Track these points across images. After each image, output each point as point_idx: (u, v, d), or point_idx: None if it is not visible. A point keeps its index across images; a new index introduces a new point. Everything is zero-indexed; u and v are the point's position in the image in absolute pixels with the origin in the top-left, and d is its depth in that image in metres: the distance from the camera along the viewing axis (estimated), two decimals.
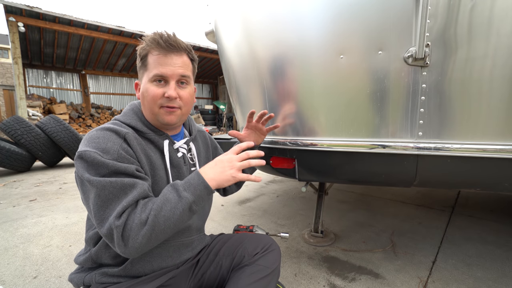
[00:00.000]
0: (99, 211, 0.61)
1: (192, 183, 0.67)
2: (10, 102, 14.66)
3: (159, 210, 0.61)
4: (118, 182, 0.61)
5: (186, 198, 0.64)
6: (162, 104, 0.73)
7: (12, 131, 3.99)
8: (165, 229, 0.62)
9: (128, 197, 0.62)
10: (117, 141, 0.67)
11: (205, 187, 0.67)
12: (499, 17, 0.84)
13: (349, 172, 1.22)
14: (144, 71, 0.74)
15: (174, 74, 0.72)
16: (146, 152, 0.73)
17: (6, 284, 1.34)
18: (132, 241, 0.59)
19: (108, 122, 0.74)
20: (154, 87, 0.72)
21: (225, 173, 0.69)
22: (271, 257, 0.83)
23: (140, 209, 0.62)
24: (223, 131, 11.55)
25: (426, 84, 0.95)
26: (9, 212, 2.38)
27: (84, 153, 0.62)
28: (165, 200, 0.63)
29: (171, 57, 0.72)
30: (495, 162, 0.94)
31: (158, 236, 0.62)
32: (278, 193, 2.83)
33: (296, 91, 1.19)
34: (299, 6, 1.10)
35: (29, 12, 7.21)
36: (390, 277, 1.33)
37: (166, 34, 0.73)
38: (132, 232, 0.59)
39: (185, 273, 0.82)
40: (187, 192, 0.65)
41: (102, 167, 0.62)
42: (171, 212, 0.62)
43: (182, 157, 0.82)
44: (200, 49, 11.23)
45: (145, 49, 0.73)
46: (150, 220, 0.60)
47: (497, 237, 1.72)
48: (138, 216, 0.60)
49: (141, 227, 0.59)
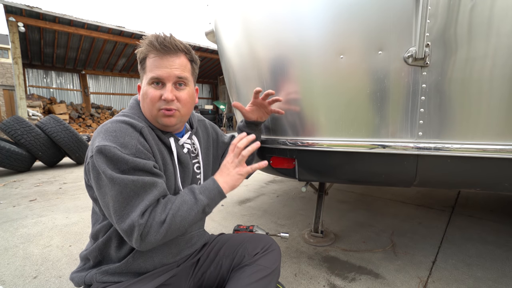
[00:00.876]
0: (120, 207, 0.63)
1: (207, 187, 0.73)
2: (10, 102, 14.66)
3: (176, 210, 0.66)
4: (139, 181, 0.64)
5: (201, 200, 0.70)
6: (160, 106, 0.73)
7: (12, 131, 3.99)
8: (180, 228, 0.67)
9: (150, 196, 0.65)
10: (134, 134, 0.68)
11: (219, 192, 0.73)
12: (499, 17, 0.84)
13: (349, 172, 1.22)
14: (143, 74, 0.75)
15: (170, 76, 0.72)
16: (159, 147, 0.75)
17: (6, 284, 1.34)
18: (150, 237, 0.63)
19: (119, 114, 0.75)
20: (151, 89, 0.73)
21: (231, 174, 0.76)
22: (271, 257, 0.83)
23: (161, 209, 0.66)
24: (223, 131, 11.55)
25: (426, 84, 0.95)
26: (9, 212, 2.38)
27: (104, 148, 0.63)
28: (182, 202, 0.68)
29: (167, 59, 0.72)
30: (495, 162, 0.94)
31: (173, 233, 0.67)
32: (278, 193, 2.83)
33: (296, 91, 1.19)
34: (299, 6, 1.10)
35: (29, 12, 7.21)
36: (390, 277, 1.33)
37: (163, 35, 0.72)
38: (152, 229, 0.63)
39: (185, 272, 0.82)
40: (202, 195, 0.71)
41: (122, 163, 0.63)
42: (187, 213, 0.67)
43: (187, 152, 0.84)
44: (200, 49, 11.23)
45: (143, 52, 0.73)
46: (168, 219, 0.65)
47: (497, 237, 1.72)
48: (158, 215, 0.65)
49: (160, 225, 0.64)
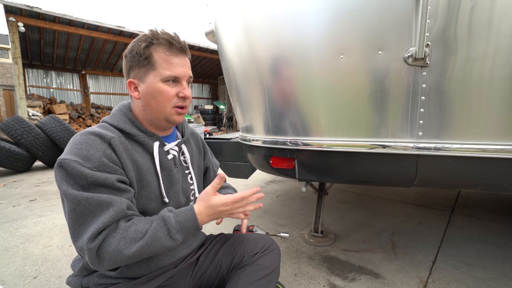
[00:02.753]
0: (74, 225, 0.60)
1: (186, 225, 0.67)
2: (10, 102, 14.66)
3: (146, 247, 0.61)
4: (94, 199, 0.60)
5: (177, 240, 0.66)
6: (176, 103, 0.74)
7: (12, 131, 3.99)
8: (144, 257, 0.64)
9: (104, 217, 0.60)
10: (100, 146, 0.65)
11: (196, 229, 0.69)
12: (499, 17, 0.85)
13: (349, 172, 1.22)
14: (150, 69, 0.71)
15: (185, 75, 0.74)
16: (133, 157, 0.71)
17: (6, 284, 1.34)
18: (108, 262, 0.59)
19: (96, 125, 0.73)
20: (167, 87, 0.72)
21: (222, 215, 0.73)
22: (271, 257, 0.83)
23: (120, 235, 0.60)
24: (223, 131, 11.55)
25: (426, 84, 0.95)
26: (9, 212, 2.38)
27: (64, 162, 0.61)
28: (155, 239, 0.62)
29: (183, 58, 0.74)
30: (495, 162, 0.94)
31: (137, 259, 0.63)
32: (278, 193, 2.83)
33: (296, 91, 1.19)
34: (299, 6, 1.10)
35: (29, 12, 7.20)
36: (390, 277, 1.33)
37: (175, 35, 0.74)
38: (110, 255, 0.59)
39: (184, 273, 0.82)
40: (179, 234, 0.66)
41: (81, 178, 0.60)
42: (159, 249, 0.64)
43: (172, 159, 0.81)
44: (200, 49, 11.22)
45: (152, 47, 0.71)
46: (133, 254, 0.60)
47: (497, 237, 1.72)
48: (116, 242, 0.59)
49: (117, 256, 0.59)
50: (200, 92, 15.64)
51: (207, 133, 4.37)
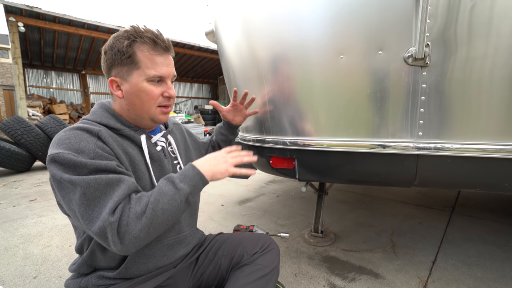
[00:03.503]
0: (86, 211, 0.58)
1: (187, 174, 0.67)
2: (10, 102, 14.66)
3: (156, 203, 0.60)
4: (103, 178, 0.59)
5: (183, 189, 0.64)
6: (160, 103, 0.73)
7: (12, 131, 3.99)
8: (164, 222, 0.61)
9: (118, 192, 0.59)
10: (90, 139, 0.63)
11: (200, 178, 0.68)
12: (499, 17, 0.84)
13: (349, 172, 1.22)
14: (134, 68, 0.69)
15: (170, 74, 0.74)
16: (124, 148, 0.70)
17: (6, 284, 1.34)
18: (129, 236, 0.57)
19: (76, 123, 0.70)
20: (152, 87, 0.71)
21: (219, 166, 0.72)
22: (270, 256, 0.83)
23: (135, 203, 0.60)
24: None
25: (426, 84, 0.95)
26: (9, 212, 2.38)
27: (57, 155, 0.58)
28: (161, 193, 0.62)
29: (167, 57, 0.73)
30: (495, 162, 0.94)
31: (157, 229, 0.61)
32: (278, 193, 2.83)
33: (296, 91, 1.19)
34: (299, 6, 1.10)
35: (29, 12, 7.20)
36: (390, 277, 1.33)
37: (159, 33, 0.72)
38: (129, 227, 0.57)
39: (183, 273, 0.82)
40: (183, 183, 0.65)
41: (81, 167, 0.58)
42: (169, 204, 0.61)
43: (161, 150, 0.81)
44: (200, 49, 11.22)
45: (136, 45, 0.69)
46: (149, 214, 0.59)
47: (497, 237, 1.72)
48: (133, 211, 0.58)
49: (138, 220, 0.58)
50: (200, 92, 15.63)
51: (207, 133, 4.36)
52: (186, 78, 14.61)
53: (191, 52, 11.12)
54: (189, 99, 14.99)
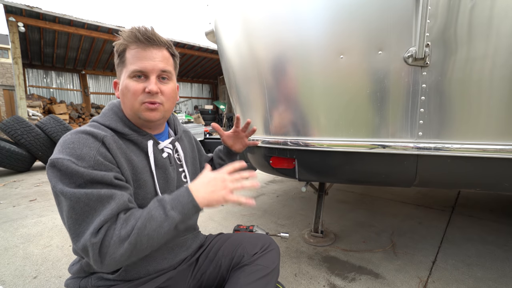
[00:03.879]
0: (74, 225, 0.57)
1: (181, 200, 0.62)
2: (10, 102, 14.66)
3: (142, 228, 0.57)
4: (94, 194, 0.57)
5: (172, 217, 0.60)
6: (143, 100, 0.69)
7: (12, 131, 3.99)
8: (147, 248, 0.59)
9: (106, 210, 0.58)
10: (94, 145, 0.63)
11: (193, 207, 0.62)
12: (499, 17, 0.84)
13: (349, 172, 1.22)
14: (123, 67, 0.70)
15: (154, 68, 0.69)
16: (128, 155, 0.69)
17: (6, 284, 1.34)
18: (109, 258, 0.56)
19: (85, 125, 0.70)
20: (133, 82, 0.69)
21: (217, 193, 0.64)
22: (270, 256, 0.83)
23: (121, 224, 0.58)
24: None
25: (426, 84, 0.95)
26: (9, 212, 2.38)
27: (57, 161, 0.58)
28: (150, 217, 0.59)
29: (151, 51, 0.69)
30: (495, 162, 0.94)
31: (139, 254, 0.59)
32: (278, 193, 2.83)
33: (296, 91, 1.19)
34: (299, 6, 1.10)
35: (29, 12, 7.20)
36: (390, 277, 1.33)
37: (144, 28, 0.69)
38: (110, 249, 0.56)
39: (183, 274, 0.82)
40: (174, 210, 0.61)
41: (77, 177, 0.58)
42: (155, 232, 0.58)
43: (167, 157, 0.79)
44: (200, 49, 11.23)
45: (123, 44, 0.69)
46: (133, 239, 0.56)
47: (497, 237, 1.72)
48: (117, 233, 0.56)
49: (120, 244, 0.56)
50: (200, 92, 15.63)
51: (207, 133, 4.36)
52: (186, 78, 14.61)
53: (191, 52, 11.13)
54: (189, 99, 15.00)
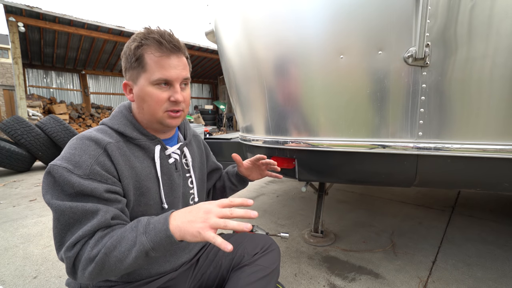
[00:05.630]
0: (58, 235, 0.58)
1: (156, 226, 0.56)
2: (10, 102, 14.66)
3: (112, 249, 0.55)
4: (79, 208, 0.57)
5: (141, 243, 0.54)
6: (167, 108, 0.69)
7: (12, 131, 3.98)
8: (116, 270, 0.56)
9: (86, 226, 0.57)
10: (94, 153, 0.62)
11: (166, 236, 0.54)
12: (499, 17, 0.84)
13: (349, 172, 1.22)
14: (141, 72, 0.68)
15: (179, 77, 0.69)
16: (131, 163, 0.68)
17: (6, 284, 1.34)
18: (80, 273, 0.56)
19: (94, 127, 0.70)
20: (157, 91, 0.68)
21: (193, 225, 0.54)
22: (271, 257, 0.83)
23: (94, 242, 0.56)
24: (223, 131, 11.54)
25: (426, 84, 0.95)
26: (9, 212, 2.38)
27: (53, 168, 0.59)
28: (121, 239, 0.56)
29: (174, 59, 0.68)
30: (495, 162, 0.94)
31: (109, 274, 0.56)
32: (278, 193, 2.83)
33: (296, 91, 1.19)
34: (299, 5, 1.10)
35: (29, 12, 7.20)
36: (390, 277, 1.33)
37: (168, 34, 0.68)
38: (80, 265, 0.56)
39: (184, 274, 0.82)
40: (146, 236, 0.55)
41: (67, 186, 0.58)
42: (123, 255, 0.54)
43: (173, 163, 0.78)
44: (200, 49, 11.22)
45: (142, 48, 0.67)
46: (99, 259, 0.54)
47: (497, 237, 1.72)
48: (88, 252, 0.56)
49: (89, 262, 0.55)
50: (200, 92, 15.63)
51: (207, 133, 4.35)
52: None
53: (191, 52, 11.13)
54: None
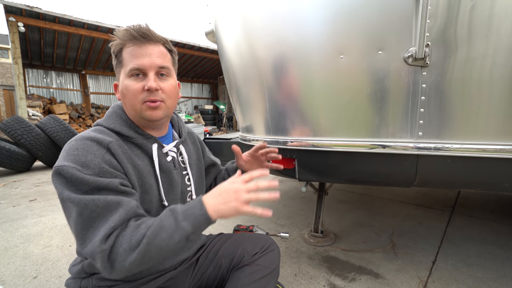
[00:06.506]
0: (81, 231, 0.57)
1: (193, 212, 0.60)
2: (10, 102, 14.66)
3: (153, 238, 0.56)
4: (101, 200, 0.57)
5: (184, 229, 0.58)
6: (144, 99, 0.67)
7: (12, 131, 3.99)
8: (156, 258, 0.58)
9: (115, 216, 0.57)
10: (98, 152, 0.62)
11: (205, 220, 0.60)
12: (499, 17, 0.84)
13: (349, 172, 1.22)
14: (121, 68, 0.69)
15: (152, 65, 0.67)
16: (133, 160, 0.68)
17: (6, 284, 1.34)
18: (119, 265, 0.55)
19: (90, 129, 0.69)
20: (133, 82, 0.67)
21: (229, 205, 0.61)
22: (271, 257, 0.83)
23: (131, 232, 0.57)
24: (223, 131, 11.55)
25: (426, 84, 0.95)
26: (9, 212, 2.38)
27: (62, 169, 0.57)
28: (161, 227, 0.58)
29: (147, 47, 0.67)
30: (495, 162, 0.94)
31: (148, 263, 0.58)
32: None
33: (296, 91, 1.19)
34: (299, 5, 1.10)
35: (29, 12, 7.20)
36: (390, 277, 1.33)
37: (138, 25, 0.68)
38: (119, 256, 0.55)
39: (184, 274, 0.82)
40: (186, 221, 0.59)
41: (82, 184, 0.57)
42: (165, 242, 0.57)
43: (172, 161, 0.78)
44: (200, 49, 11.22)
45: (118, 43, 0.68)
46: (142, 248, 0.55)
47: (497, 237, 1.72)
48: (127, 240, 0.56)
49: (129, 252, 0.55)
50: (200, 92, 15.63)
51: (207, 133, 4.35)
52: (186, 78, 14.61)
53: (191, 52, 11.13)
54: (189, 99, 14.99)
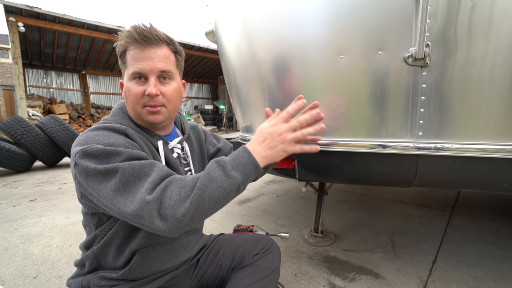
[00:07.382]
0: (122, 195, 0.55)
1: (241, 161, 0.60)
2: (10, 102, 14.67)
3: (203, 189, 0.55)
4: (136, 164, 0.57)
5: (235, 178, 0.58)
6: (144, 103, 0.68)
7: (12, 131, 3.98)
8: (209, 209, 0.57)
9: (155, 174, 0.57)
10: (119, 136, 0.63)
11: (255, 167, 0.61)
12: (499, 17, 0.84)
13: (349, 172, 1.22)
14: (125, 68, 0.69)
15: (153, 69, 0.66)
16: (149, 147, 0.71)
17: (6, 284, 1.34)
18: (172, 219, 0.53)
19: (98, 122, 0.69)
20: (134, 85, 0.67)
21: (276, 149, 0.63)
22: (271, 257, 0.83)
23: (178, 186, 0.56)
24: (223, 131, 11.55)
25: (426, 84, 0.95)
26: (9, 212, 2.38)
27: (90, 148, 0.57)
28: (210, 179, 0.57)
29: (149, 50, 0.66)
30: (495, 162, 0.94)
31: (201, 216, 0.57)
32: (278, 193, 2.83)
33: (296, 91, 1.19)
34: (299, 5, 1.10)
35: (29, 12, 7.21)
36: (390, 277, 1.33)
37: (142, 26, 0.67)
38: (170, 210, 0.53)
39: (184, 274, 0.82)
40: (236, 171, 0.59)
41: (115, 155, 0.57)
42: (216, 192, 0.56)
43: (177, 157, 0.80)
44: (200, 49, 11.23)
45: (122, 45, 0.68)
46: (194, 199, 0.54)
47: (497, 237, 1.72)
48: (176, 193, 0.55)
49: (181, 204, 0.54)
50: (200, 92, 15.64)
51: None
52: (186, 78, 14.62)
53: (191, 52, 11.13)
54: (189, 99, 15.00)
